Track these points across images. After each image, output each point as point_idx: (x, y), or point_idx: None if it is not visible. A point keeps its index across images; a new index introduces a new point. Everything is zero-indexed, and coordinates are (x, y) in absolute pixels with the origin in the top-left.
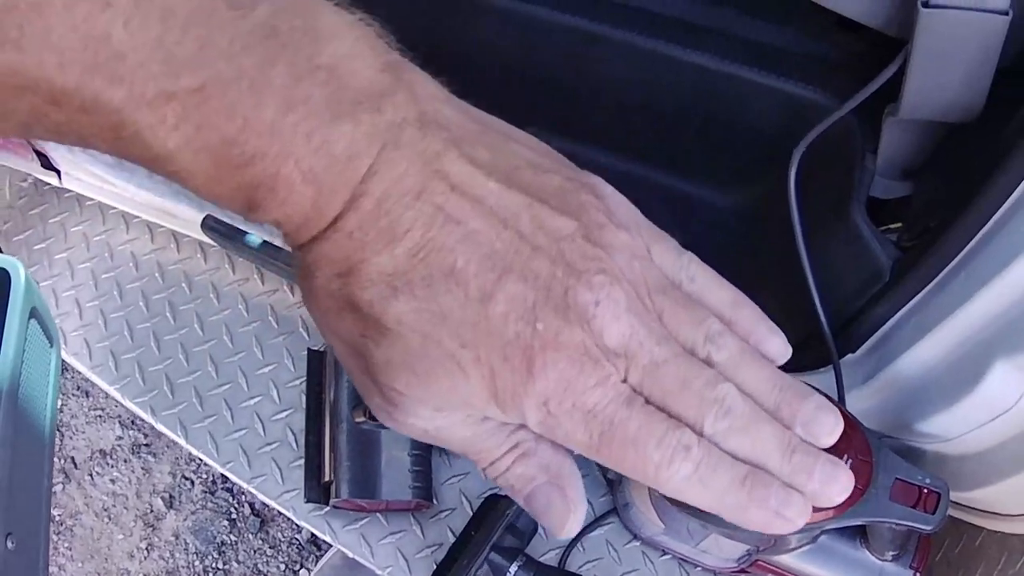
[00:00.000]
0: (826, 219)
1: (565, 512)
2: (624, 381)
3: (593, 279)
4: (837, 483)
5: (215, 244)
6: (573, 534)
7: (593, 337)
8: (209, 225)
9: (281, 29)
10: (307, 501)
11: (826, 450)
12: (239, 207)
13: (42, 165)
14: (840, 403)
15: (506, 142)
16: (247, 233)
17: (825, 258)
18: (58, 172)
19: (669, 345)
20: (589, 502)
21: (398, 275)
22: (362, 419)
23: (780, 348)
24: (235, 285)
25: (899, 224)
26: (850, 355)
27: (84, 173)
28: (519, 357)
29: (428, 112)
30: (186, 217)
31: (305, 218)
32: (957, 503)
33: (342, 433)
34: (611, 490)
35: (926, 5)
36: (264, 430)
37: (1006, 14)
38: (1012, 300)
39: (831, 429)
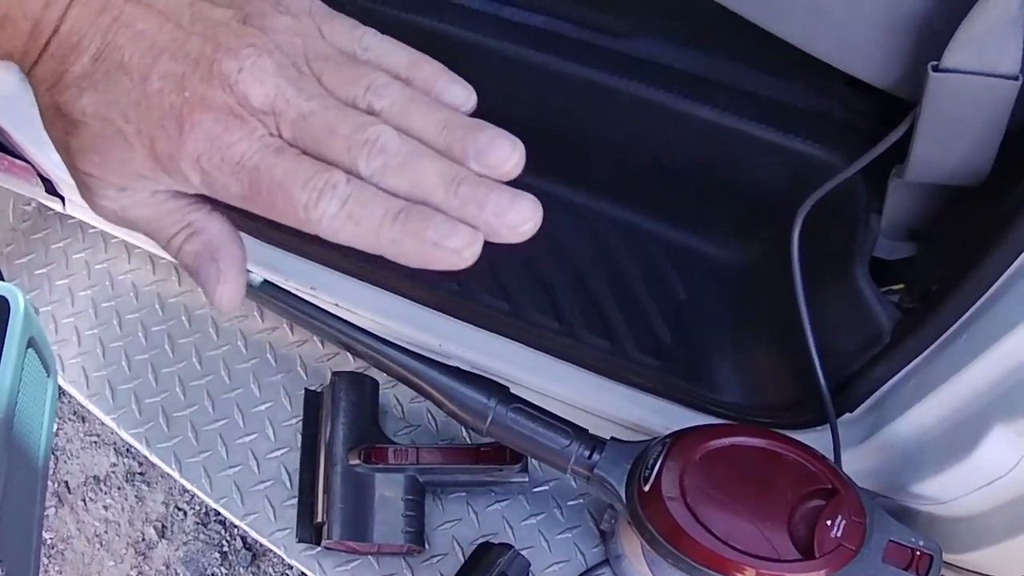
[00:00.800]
0: (828, 278)
1: (216, 282)
2: (275, 136)
3: (240, 51)
4: (515, 210)
5: None
6: (225, 306)
7: (237, 98)
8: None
9: None
10: (299, 540)
11: (813, 495)
12: None
13: (46, 191)
14: (836, 462)
15: None
16: (248, 271)
17: (825, 317)
18: (62, 198)
19: (320, 99)
20: (582, 553)
21: (85, 77)
22: (357, 461)
23: (461, 94)
24: (235, 321)
25: (901, 285)
26: (848, 414)
27: None
28: (172, 124)
29: None
30: None
31: (26, 49)
32: (950, 564)
33: (336, 474)
34: (604, 541)
35: (936, 69)
36: (258, 467)
37: (1016, 79)
38: (1011, 366)
39: (508, 155)
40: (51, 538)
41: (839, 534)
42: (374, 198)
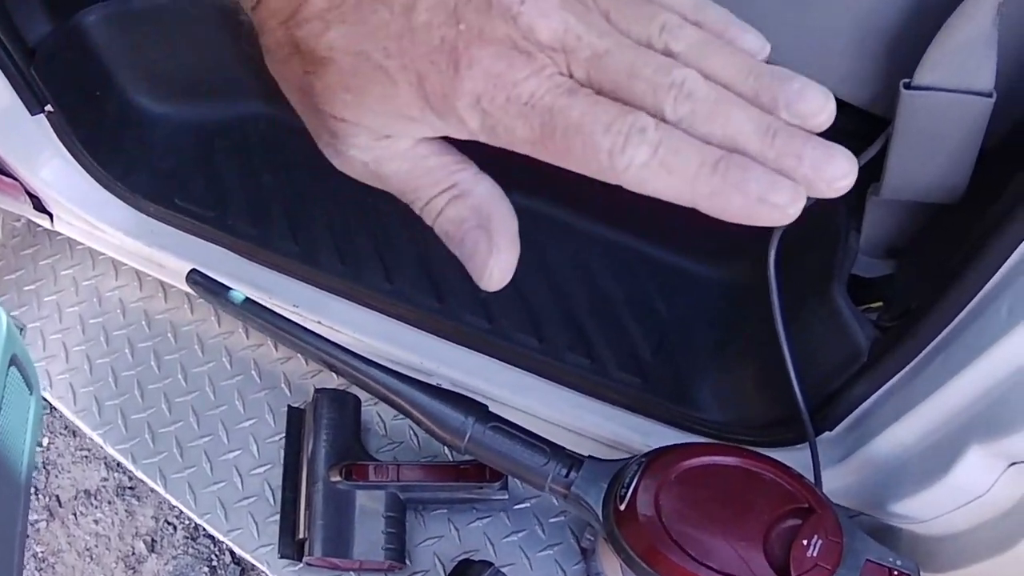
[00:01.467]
0: (807, 297)
1: (487, 255)
2: (565, 75)
3: None
4: (834, 164)
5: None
6: (495, 284)
7: (521, 31)
8: (194, 279)
9: None
10: (281, 556)
11: (790, 514)
12: None
13: (35, 207)
14: (816, 480)
15: None
16: (230, 289)
17: (805, 335)
18: (50, 215)
19: (614, 37)
20: (563, 570)
21: (332, 8)
22: (338, 478)
23: (756, 43)
24: (220, 338)
25: (880, 303)
26: (827, 433)
27: (75, 218)
28: (445, 59)
29: None
30: (172, 267)
31: None
32: None
33: (318, 491)
34: (585, 559)
35: (908, 87)
36: (242, 484)
37: (990, 95)
38: (988, 385)
39: (821, 106)
40: (42, 551)
41: (815, 554)
42: (687, 144)
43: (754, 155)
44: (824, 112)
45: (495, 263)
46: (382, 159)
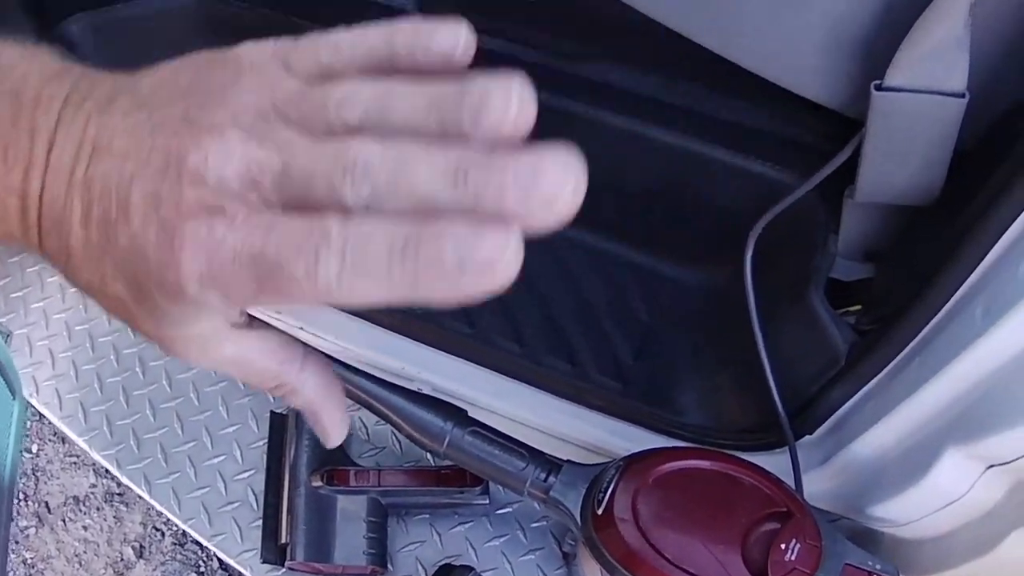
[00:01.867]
0: (785, 300)
1: (324, 434)
2: (262, 211)
3: (202, 137)
4: (543, 179)
5: None
6: (335, 443)
7: (211, 189)
8: None
9: None
10: (263, 562)
11: (768, 518)
12: None
13: None
14: (796, 484)
15: (151, 74)
16: None
17: (783, 339)
18: None
19: (292, 146)
20: (544, 574)
21: (88, 245)
22: (319, 483)
23: (448, 38)
24: None
25: (859, 307)
26: (808, 437)
27: None
28: (167, 250)
29: (86, 91)
30: None
31: (24, 230)
32: None
33: (300, 496)
34: (566, 563)
35: (879, 88)
36: (226, 489)
37: (963, 96)
38: (963, 389)
39: (505, 105)
40: (31, 558)
41: (793, 558)
42: (372, 233)
43: (454, 208)
44: (511, 109)
45: (332, 437)
46: (206, 352)
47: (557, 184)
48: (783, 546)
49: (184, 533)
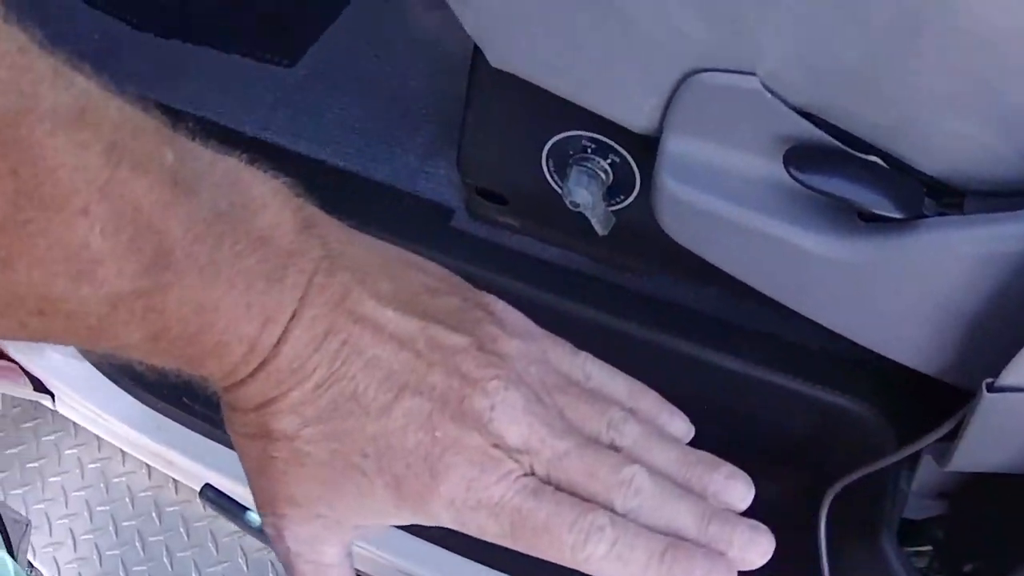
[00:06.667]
0: (855, 541)
1: None
2: (531, 475)
3: (487, 385)
4: (757, 546)
5: None
6: None
7: (492, 438)
8: (207, 496)
9: (222, 208)
10: None
11: None
12: (176, 367)
13: (35, 388)
14: None
15: (406, 270)
16: (247, 509)
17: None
18: (52, 395)
19: (571, 437)
20: None
21: (307, 404)
22: None
23: (683, 428)
24: (234, 536)
25: (929, 547)
26: None
27: (78, 404)
28: (421, 464)
29: (336, 256)
30: (183, 467)
31: (234, 368)
32: None
33: None
34: None
35: (991, 389)
36: None
37: None
38: None
39: (743, 494)
40: None
41: None
42: (639, 537)
43: (693, 539)
44: (745, 499)
45: None
46: (303, 555)
47: (762, 552)
48: None
49: None
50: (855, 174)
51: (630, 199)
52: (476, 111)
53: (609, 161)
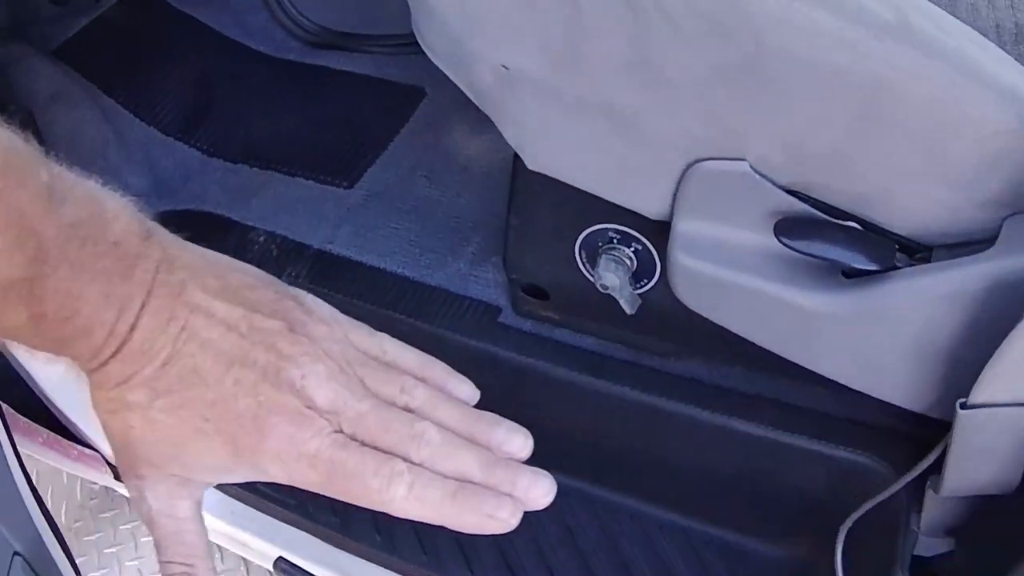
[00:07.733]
0: None
1: None
2: (339, 432)
3: (299, 359)
4: (539, 487)
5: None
6: None
7: (304, 401)
8: (282, 568)
9: (84, 217)
10: None
11: None
12: (48, 350)
13: (115, 477)
14: None
15: (230, 271)
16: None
17: None
18: None
19: (370, 400)
20: None
21: (157, 379)
22: None
23: (468, 392)
24: None
25: None
26: None
27: None
28: (251, 424)
29: (173, 259)
30: (257, 548)
31: (98, 350)
32: None
33: None
34: None
35: (964, 406)
36: None
37: None
38: None
39: (521, 445)
40: None
41: None
42: (433, 480)
43: (480, 483)
44: (524, 449)
45: None
46: (162, 511)
47: (544, 491)
48: None
49: None
50: (836, 238)
51: (652, 282)
52: (518, 211)
53: (632, 249)
